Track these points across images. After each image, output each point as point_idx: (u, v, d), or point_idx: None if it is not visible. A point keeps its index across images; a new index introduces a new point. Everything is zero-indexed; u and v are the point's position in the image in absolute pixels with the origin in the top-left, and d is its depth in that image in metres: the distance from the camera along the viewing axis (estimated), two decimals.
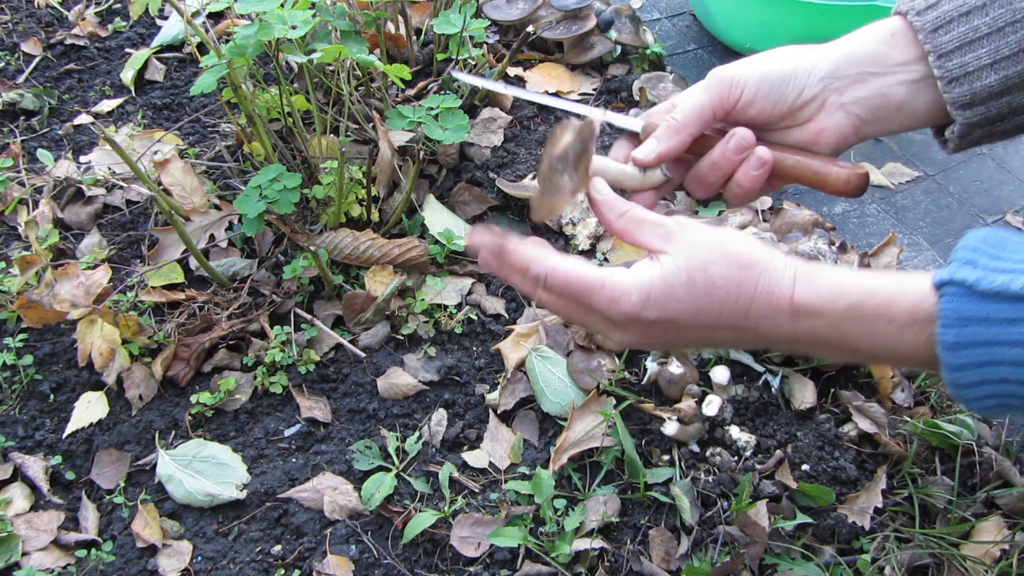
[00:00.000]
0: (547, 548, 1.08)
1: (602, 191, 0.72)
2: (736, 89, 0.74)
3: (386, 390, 1.27)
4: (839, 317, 0.61)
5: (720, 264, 0.64)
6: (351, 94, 1.46)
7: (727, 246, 0.65)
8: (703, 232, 0.66)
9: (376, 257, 1.38)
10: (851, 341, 0.62)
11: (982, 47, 0.70)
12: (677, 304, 0.64)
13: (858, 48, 0.74)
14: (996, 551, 1.07)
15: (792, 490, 1.13)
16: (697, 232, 0.66)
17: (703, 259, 0.64)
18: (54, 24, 1.95)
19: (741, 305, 0.64)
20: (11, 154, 1.62)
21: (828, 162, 0.75)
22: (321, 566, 1.09)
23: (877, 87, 0.74)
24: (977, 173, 1.61)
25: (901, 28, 0.73)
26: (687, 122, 0.75)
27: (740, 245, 0.65)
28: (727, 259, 0.64)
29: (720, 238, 0.65)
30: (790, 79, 0.74)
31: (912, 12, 0.72)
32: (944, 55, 0.70)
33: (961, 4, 0.70)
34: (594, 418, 1.19)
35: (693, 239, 0.66)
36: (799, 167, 0.76)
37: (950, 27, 0.70)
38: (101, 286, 1.24)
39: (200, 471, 1.18)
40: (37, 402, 1.29)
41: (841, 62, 0.74)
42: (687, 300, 0.64)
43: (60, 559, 1.13)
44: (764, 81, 0.74)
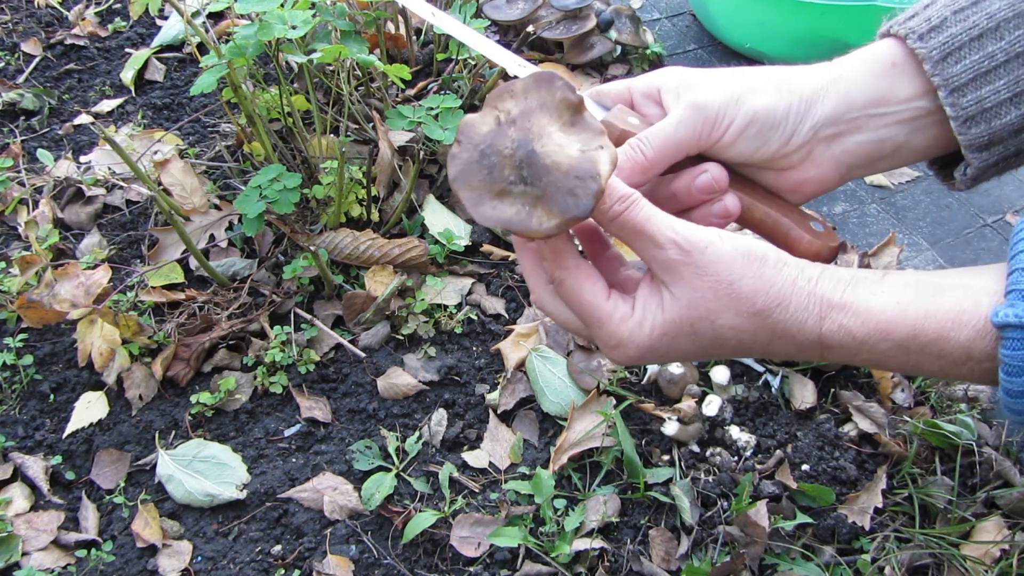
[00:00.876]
0: (547, 548, 1.08)
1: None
2: (719, 129, 0.64)
3: (386, 390, 1.27)
4: (880, 354, 0.56)
5: (728, 313, 0.57)
6: (351, 94, 1.46)
7: (737, 292, 0.56)
8: (710, 270, 0.56)
9: (376, 257, 1.38)
10: (894, 367, 0.57)
11: (999, 78, 0.60)
12: (681, 350, 0.60)
13: (857, 89, 0.64)
14: (996, 551, 1.07)
15: (792, 490, 1.13)
16: (703, 269, 0.56)
17: (708, 309, 0.57)
18: (54, 24, 1.95)
19: (757, 347, 0.59)
20: (11, 154, 1.62)
21: (800, 224, 0.66)
22: (321, 566, 1.09)
23: (874, 133, 0.64)
24: None
25: (902, 57, 0.63)
26: (656, 161, 0.64)
27: (753, 287, 0.56)
28: (737, 307, 0.57)
29: (729, 278, 0.56)
30: (780, 125, 0.63)
31: (913, 36, 0.61)
32: (956, 90, 0.60)
33: (970, 26, 0.60)
34: (594, 418, 1.19)
35: (697, 280, 0.57)
36: (767, 221, 0.67)
37: (960, 55, 0.60)
38: (101, 286, 1.24)
39: (200, 471, 1.18)
40: (37, 402, 1.29)
41: (839, 106, 0.64)
42: (692, 347, 0.60)
43: (60, 559, 1.12)
44: (751, 124, 0.63)
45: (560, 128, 0.54)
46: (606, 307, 0.59)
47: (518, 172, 0.54)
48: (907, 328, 0.54)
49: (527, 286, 0.68)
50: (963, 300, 0.54)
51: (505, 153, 0.54)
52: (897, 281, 0.57)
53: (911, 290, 0.56)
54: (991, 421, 1.22)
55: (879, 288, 0.56)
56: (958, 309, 0.53)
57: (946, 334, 0.53)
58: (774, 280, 0.57)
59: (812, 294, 0.57)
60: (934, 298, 0.55)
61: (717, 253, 0.56)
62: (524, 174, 0.54)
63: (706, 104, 0.63)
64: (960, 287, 0.55)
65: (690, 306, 0.57)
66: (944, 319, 0.54)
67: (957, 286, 0.55)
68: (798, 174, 0.66)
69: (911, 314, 0.55)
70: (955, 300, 0.54)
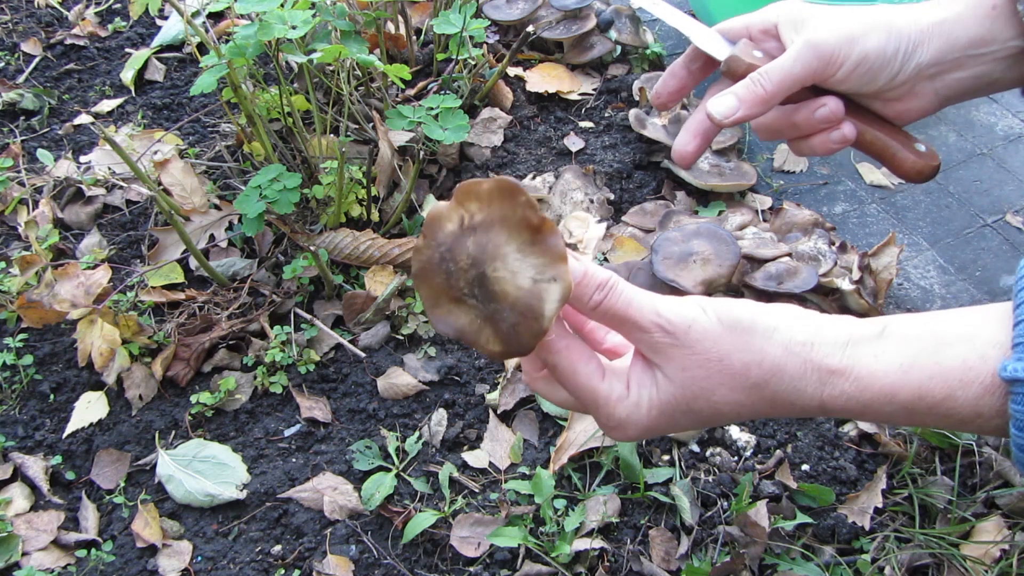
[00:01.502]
0: (547, 548, 1.08)
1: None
2: (833, 66, 0.70)
3: (386, 390, 1.27)
4: (886, 415, 0.55)
5: (723, 390, 0.56)
6: (351, 94, 1.46)
7: (729, 368, 0.55)
8: (698, 348, 0.55)
9: (376, 257, 1.38)
10: (901, 424, 0.56)
11: None
12: (681, 426, 0.59)
13: (960, 31, 0.69)
14: (996, 551, 1.06)
15: (792, 490, 1.13)
16: (691, 349, 0.56)
17: (702, 388, 0.56)
18: (54, 24, 1.95)
19: (759, 415, 0.58)
20: (11, 154, 1.62)
21: (906, 145, 0.73)
22: (321, 566, 1.09)
23: (973, 70, 0.70)
24: (977, 173, 1.61)
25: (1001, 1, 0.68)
26: (775, 93, 0.70)
27: (744, 361, 0.55)
28: (731, 383, 0.56)
29: (718, 354, 0.55)
30: (888, 64, 0.70)
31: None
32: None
33: None
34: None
35: (686, 361, 0.56)
36: (878, 143, 0.74)
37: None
38: (101, 286, 1.24)
39: (200, 471, 1.18)
40: (37, 402, 1.29)
41: (942, 47, 0.69)
42: (692, 422, 0.59)
43: (60, 559, 1.13)
44: (863, 62, 0.70)
45: (517, 249, 0.52)
46: (602, 389, 0.58)
47: (471, 287, 0.53)
48: (912, 391, 0.53)
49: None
50: (969, 355, 0.52)
51: (461, 265, 0.53)
52: (897, 337, 0.54)
53: (913, 347, 0.54)
54: None
55: (879, 348, 0.54)
56: (964, 367, 0.52)
57: (953, 393, 0.52)
58: (766, 350, 0.55)
59: (808, 361, 0.55)
60: (938, 355, 0.53)
61: (702, 331, 0.55)
62: (476, 292, 0.53)
63: (822, 43, 0.69)
64: (965, 340, 0.53)
65: (683, 386, 0.57)
66: (950, 378, 0.52)
67: (961, 339, 0.53)
68: (901, 104, 0.73)
69: (915, 376, 0.53)
70: (961, 357, 0.52)
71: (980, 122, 1.70)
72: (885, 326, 0.55)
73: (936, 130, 1.69)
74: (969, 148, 1.65)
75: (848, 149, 0.80)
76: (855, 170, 1.61)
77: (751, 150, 1.64)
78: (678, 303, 0.56)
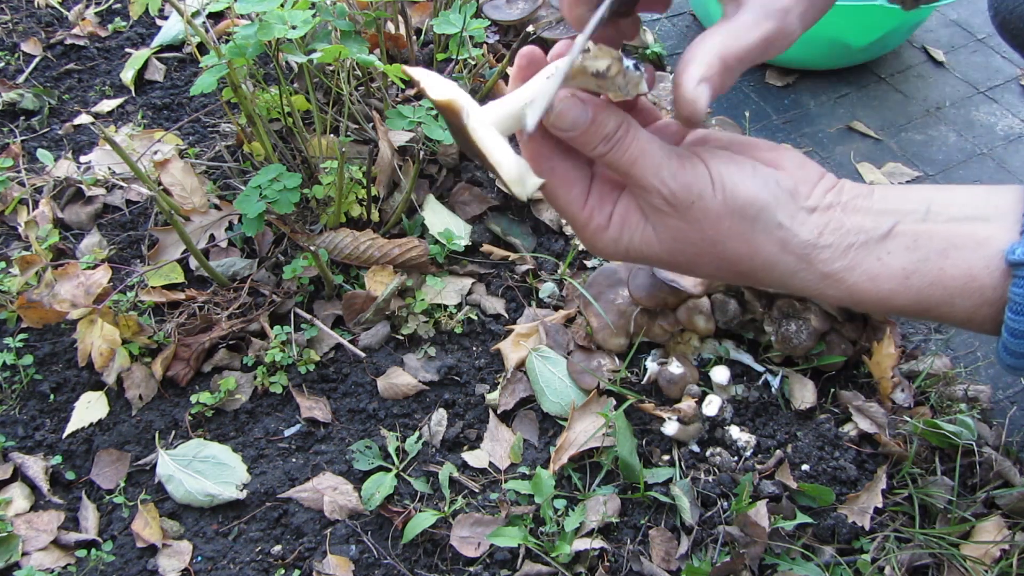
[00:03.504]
0: (547, 548, 1.08)
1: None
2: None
3: (386, 390, 1.27)
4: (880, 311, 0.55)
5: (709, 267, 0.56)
6: (351, 94, 1.46)
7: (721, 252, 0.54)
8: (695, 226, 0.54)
9: (376, 257, 1.38)
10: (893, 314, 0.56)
11: None
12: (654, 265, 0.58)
13: None
14: (996, 551, 1.07)
15: (792, 490, 1.13)
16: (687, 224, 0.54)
17: (688, 257, 0.55)
18: (54, 24, 1.95)
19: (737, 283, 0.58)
20: (11, 154, 1.62)
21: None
22: (321, 566, 1.09)
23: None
24: (977, 173, 1.60)
25: None
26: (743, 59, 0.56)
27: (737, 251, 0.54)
28: (718, 263, 0.55)
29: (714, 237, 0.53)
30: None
31: None
32: None
33: None
34: (594, 418, 1.19)
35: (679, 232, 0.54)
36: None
37: None
38: (101, 286, 1.24)
39: (200, 471, 1.18)
40: (37, 402, 1.29)
41: None
42: (664, 268, 0.58)
43: (60, 559, 1.13)
44: None
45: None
46: (581, 216, 0.57)
47: None
48: (910, 298, 0.53)
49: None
50: (975, 264, 0.51)
51: None
52: (905, 237, 0.53)
53: (920, 250, 0.52)
54: (991, 421, 1.22)
55: (884, 250, 0.53)
56: (968, 276, 0.51)
57: (952, 300, 0.52)
58: (762, 245, 0.54)
59: (806, 261, 0.54)
60: (943, 260, 0.52)
61: (704, 209, 0.53)
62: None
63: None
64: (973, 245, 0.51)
65: (669, 250, 0.56)
66: (951, 287, 0.51)
67: (969, 242, 0.51)
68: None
69: (915, 283, 0.52)
70: (966, 264, 0.51)
71: (980, 122, 1.70)
72: (895, 224, 0.53)
73: (936, 130, 1.69)
74: (969, 148, 1.65)
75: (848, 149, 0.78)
76: (855, 170, 1.61)
77: None
78: (689, 171, 0.53)
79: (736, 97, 1.77)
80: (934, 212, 0.53)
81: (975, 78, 1.79)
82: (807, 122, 1.71)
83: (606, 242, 0.57)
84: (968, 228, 0.52)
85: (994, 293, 0.51)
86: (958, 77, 1.80)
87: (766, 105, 1.75)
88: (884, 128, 1.69)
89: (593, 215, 0.57)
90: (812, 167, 0.56)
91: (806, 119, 1.72)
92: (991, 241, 0.51)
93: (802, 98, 1.76)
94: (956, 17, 1.95)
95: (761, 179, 0.53)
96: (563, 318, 1.33)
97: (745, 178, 0.53)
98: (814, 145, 1.66)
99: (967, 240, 0.52)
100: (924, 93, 1.77)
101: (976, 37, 1.89)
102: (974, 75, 1.80)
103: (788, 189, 0.54)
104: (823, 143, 1.67)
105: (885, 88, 1.78)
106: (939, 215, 0.53)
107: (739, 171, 0.53)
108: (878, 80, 1.80)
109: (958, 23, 1.93)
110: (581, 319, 1.31)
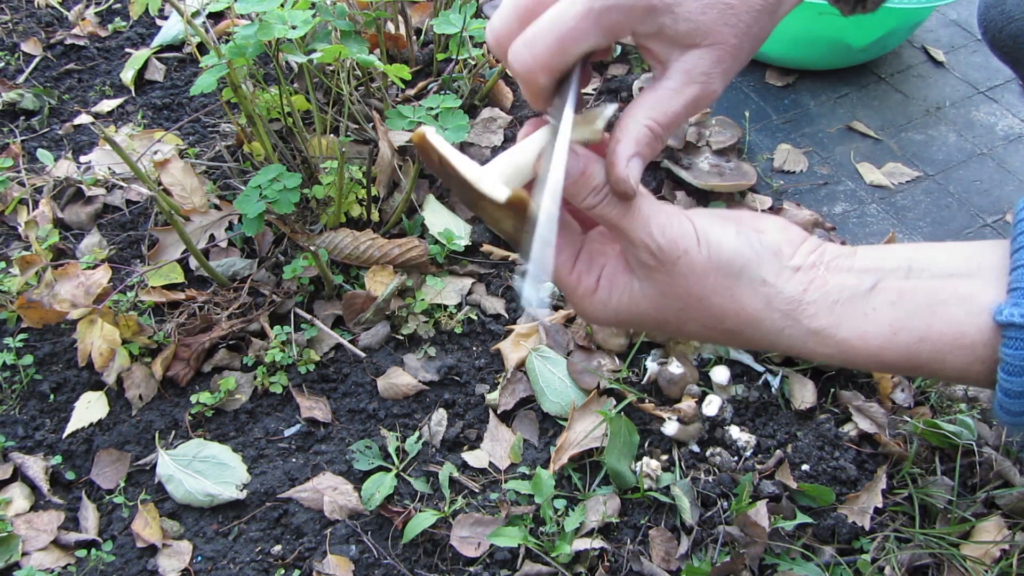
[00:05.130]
0: (547, 548, 1.08)
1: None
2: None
3: (386, 390, 1.27)
4: (866, 368, 0.55)
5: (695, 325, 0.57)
6: (351, 94, 1.46)
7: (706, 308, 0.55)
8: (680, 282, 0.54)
9: (376, 257, 1.38)
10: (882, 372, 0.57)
11: None
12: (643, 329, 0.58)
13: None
14: (996, 551, 1.07)
15: (792, 490, 1.13)
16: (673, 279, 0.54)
17: (675, 314, 0.56)
18: (54, 24, 1.95)
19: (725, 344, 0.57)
20: (11, 154, 1.62)
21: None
22: (321, 566, 1.09)
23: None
24: (977, 173, 1.60)
25: None
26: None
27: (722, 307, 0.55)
28: (704, 320, 0.56)
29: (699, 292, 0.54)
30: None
31: None
32: None
33: None
34: (594, 418, 1.19)
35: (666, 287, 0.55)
36: None
37: None
38: (101, 286, 1.24)
39: (200, 471, 1.18)
40: (37, 402, 1.29)
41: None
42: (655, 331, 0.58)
43: (60, 559, 1.12)
44: None
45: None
46: (569, 281, 0.58)
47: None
48: (899, 353, 0.53)
49: None
50: (963, 320, 0.51)
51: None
52: (890, 292, 0.53)
53: (906, 306, 0.52)
54: (991, 421, 1.22)
55: (870, 306, 0.53)
56: (958, 332, 0.51)
57: (942, 356, 0.52)
58: (747, 302, 0.54)
59: (791, 318, 0.54)
60: (931, 316, 0.52)
61: (690, 265, 0.54)
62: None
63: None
64: (960, 300, 0.51)
65: (657, 307, 0.56)
66: (940, 342, 0.51)
67: (953, 298, 0.52)
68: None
69: (903, 338, 0.52)
70: (955, 320, 0.51)
71: (980, 122, 1.70)
72: (878, 280, 0.54)
73: (936, 130, 1.69)
74: (969, 148, 1.65)
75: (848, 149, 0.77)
76: (855, 170, 1.61)
77: (751, 150, 1.64)
78: (676, 227, 0.54)
79: (736, 97, 1.77)
80: (916, 269, 0.54)
81: (975, 78, 1.79)
82: (807, 122, 1.71)
83: (596, 306, 0.58)
84: (951, 284, 0.52)
85: (985, 351, 0.50)
86: (958, 77, 1.80)
87: (766, 105, 1.75)
88: (884, 128, 1.70)
89: (581, 279, 0.58)
90: (794, 230, 0.57)
91: (806, 119, 1.72)
92: (976, 297, 0.51)
93: (802, 98, 1.76)
94: (956, 17, 1.95)
95: (744, 237, 0.55)
96: (563, 318, 1.34)
97: (729, 236, 0.55)
98: (814, 145, 1.66)
99: (951, 296, 0.52)
100: (924, 93, 1.77)
101: (976, 37, 1.89)
102: (974, 75, 1.80)
103: (772, 248, 0.55)
104: (823, 143, 1.67)
105: (885, 88, 1.78)
106: (922, 272, 0.53)
107: (723, 230, 0.55)
108: (878, 80, 1.80)
109: (958, 23, 1.93)
110: (581, 319, 1.31)
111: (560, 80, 0.55)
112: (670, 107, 0.55)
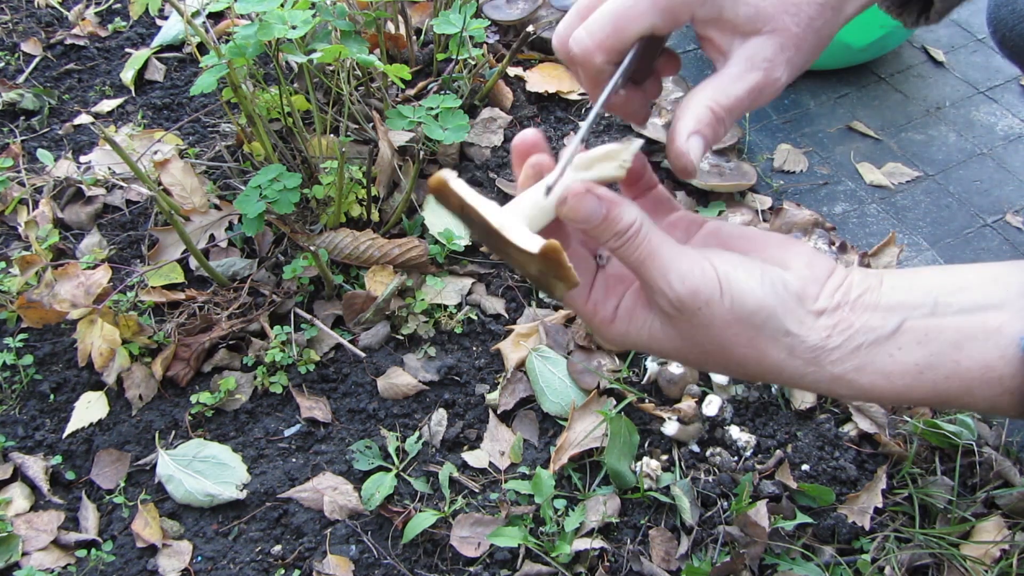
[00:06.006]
0: (547, 548, 1.08)
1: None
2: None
3: (386, 390, 1.27)
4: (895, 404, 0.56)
5: (716, 368, 0.57)
6: (351, 94, 1.46)
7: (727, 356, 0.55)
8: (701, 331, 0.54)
9: (376, 257, 1.38)
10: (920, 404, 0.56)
11: None
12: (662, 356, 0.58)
13: None
14: (996, 551, 1.07)
15: (792, 490, 1.13)
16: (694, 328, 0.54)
17: (696, 355, 0.56)
18: (54, 24, 1.95)
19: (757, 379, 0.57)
20: (11, 154, 1.62)
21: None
22: (321, 566, 1.09)
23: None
24: (977, 173, 1.60)
25: None
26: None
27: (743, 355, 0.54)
28: (726, 365, 0.56)
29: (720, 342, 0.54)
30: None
31: None
32: None
33: None
34: (594, 418, 1.19)
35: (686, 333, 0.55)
36: None
37: None
38: (101, 286, 1.24)
39: (200, 471, 1.18)
40: (37, 402, 1.29)
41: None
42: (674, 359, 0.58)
43: (60, 559, 1.13)
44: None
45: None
46: (585, 309, 0.58)
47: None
48: (927, 390, 0.52)
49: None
50: (990, 355, 0.50)
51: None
52: (915, 333, 0.52)
53: (931, 345, 0.52)
54: (991, 421, 1.22)
55: (894, 347, 0.52)
56: (985, 367, 0.50)
57: (971, 391, 0.51)
58: (769, 351, 0.54)
59: (815, 363, 0.53)
60: (958, 353, 0.51)
61: (710, 316, 0.53)
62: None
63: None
64: (985, 335, 0.51)
65: (677, 349, 0.56)
66: (968, 378, 0.51)
67: (981, 333, 0.51)
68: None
69: (930, 377, 0.52)
70: (982, 356, 0.51)
71: (980, 122, 1.70)
72: (903, 320, 0.53)
73: (936, 130, 1.69)
74: (969, 148, 1.65)
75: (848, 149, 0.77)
76: (855, 170, 1.61)
77: (751, 150, 1.64)
78: (698, 275, 0.52)
79: None
80: (942, 304, 0.53)
81: (975, 78, 1.79)
82: (807, 122, 1.71)
83: (615, 334, 0.58)
84: (979, 319, 0.51)
85: (1013, 382, 0.50)
86: (958, 77, 1.80)
87: (766, 105, 1.75)
88: (884, 128, 1.69)
89: (597, 309, 0.58)
90: (820, 264, 0.56)
91: (806, 119, 1.72)
92: (1004, 329, 0.50)
93: (802, 98, 1.76)
94: (956, 17, 1.95)
95: (769, 284, 0.53)
96: (563, 318, 1.33)
97: (754, 286, 0.53)
98: (814, 145, 1.66)
99: (978, 331, 0.51)
100: (924, 93, 1.77)
101: (976, 37, 1.89)
102: (974, 75, 1.80)
103: (796, 292, 0.54)
104: (823, 143, 1.67)
105: (885, 88, 1.78)
106: (948, 306, 0.52)
107: (747, 276, 0.53)
108: (878, 80, 1.80)
109: (958, 23, 1.93)
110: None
111: (617, 64, 0.55)
112: (732, 91, 0.54)
